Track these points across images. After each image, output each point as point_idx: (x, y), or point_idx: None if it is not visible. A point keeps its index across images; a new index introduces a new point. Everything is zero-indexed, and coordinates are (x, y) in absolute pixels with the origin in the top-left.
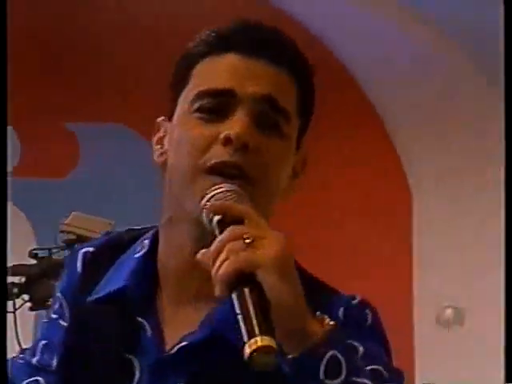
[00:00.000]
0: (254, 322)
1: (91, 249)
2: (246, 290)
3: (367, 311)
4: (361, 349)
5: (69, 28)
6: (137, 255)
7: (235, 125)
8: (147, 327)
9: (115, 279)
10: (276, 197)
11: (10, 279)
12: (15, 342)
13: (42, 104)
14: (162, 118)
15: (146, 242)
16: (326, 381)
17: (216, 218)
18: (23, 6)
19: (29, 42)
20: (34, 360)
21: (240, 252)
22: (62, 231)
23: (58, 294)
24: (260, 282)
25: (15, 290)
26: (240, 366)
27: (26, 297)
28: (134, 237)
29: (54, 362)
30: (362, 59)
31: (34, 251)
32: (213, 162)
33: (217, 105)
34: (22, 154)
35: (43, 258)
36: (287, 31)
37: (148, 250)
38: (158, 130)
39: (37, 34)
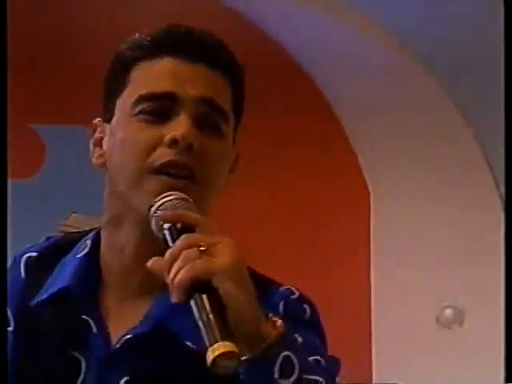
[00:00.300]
0: (215, 327)
1: (34, 253)
2: (204, 297)
3: (305, 306)
4: (300, 339)
5: (38, 27)
6: (79, 255)
7: (179, 127)
8: (92, 324)
9: (58, 280)
10: (218, 194)
11: None
12: None
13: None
14: (98, 119)
15: (88, 242)
16: (280, 380)
17: (166, 225)
18: None
19: None
20: None
21: (196, 260)
22: (62, 232)
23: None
24: (216, 288)
25: None
26: (184, 356)
27: None
28: (76, 238)
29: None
30: (320, 61)
31: None
32: (159, 162)
33: (158, 108)
34: None
35: None
36: (238, 30)
37: (90, 250)
38: (95, 131)
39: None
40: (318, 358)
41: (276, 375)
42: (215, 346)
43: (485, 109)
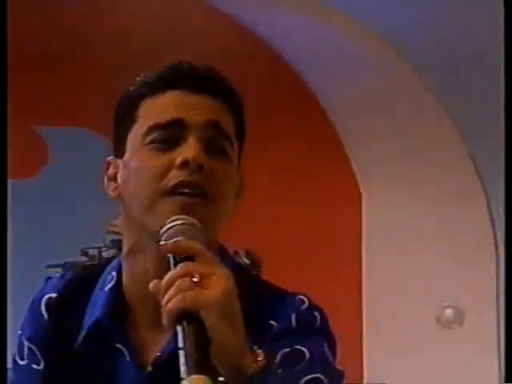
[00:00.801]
0: (193, 359)
1: (53, 295)
2: (188, 328)
3: (316, 313)
4: (307, 354)
5: (40, 30)
6: (106, 288)
7: (189, 150)
8: (125, 352)
9: (91, 316)
10: (227, 215)
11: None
12: None
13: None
14: (111, 157)
15: (114, 273)
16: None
17: (169, 254)
18: None
19: None
20: None
21: (187, 291)
22: (110, 231)
23: (26, 343)
24: (203, 320)
25: None
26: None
27: None
28: (94, 272)
29: None
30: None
31: (86, 249)
32: (172, 183)
33: (167, 135)
34: None
35: (94, 255)
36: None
37: (116, 282)
38: (108, 168)
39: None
40: (320, 376)
41: None
42: (189, 378)
43: (471, 108)
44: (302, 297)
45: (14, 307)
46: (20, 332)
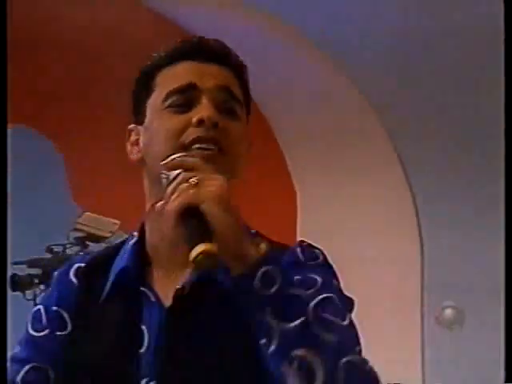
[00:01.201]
0: (198, 236)
1: (82, 264)
2: (193, 218)
3: (317, 251)
4: (319, 280)
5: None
6: (128, 245)
7: (204, 109)
8: (150, 294)
9: (116, 268)
10: (242, 163)
11: (28, 271)
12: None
13: None
14: (132, 125)
15: (135, 233)
16: (261, 291)
17: (174, 172)
18: None
19: None
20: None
21: (188, 190)
22: (75, 229)
23: (54, 308)
24: (203, 213)
25: (36, 280)
26: (227, 301)
27: (42, 287)
28: (118, 245)
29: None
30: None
31: (51, 246)
32: (190, 138)
33: (184, 99)
34: None
35: (58, 252)
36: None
37: (138, 239)
38: (130, 136)
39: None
40: (332, 295)
41: (256, 286)
42: (197, 247)
43: (396, 107)
44: (301, 239)
45: None
46: (39, 304)
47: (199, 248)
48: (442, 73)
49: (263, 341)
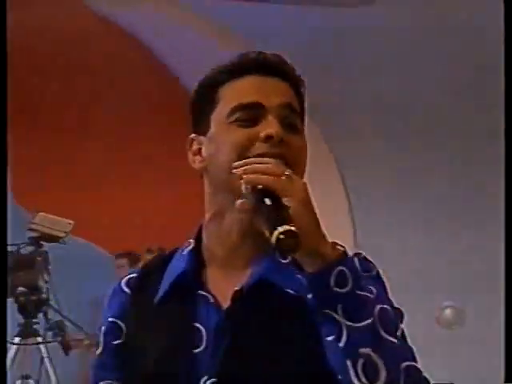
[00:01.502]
0: (283, 217)
1: (134, 275)
2: (276, 201)
3: (371, 264)
4: (374, 291)
5: None
6: (185, 252)
7: (271, 126)
8: (209, 297)
9: (174, 272)
10: (304, 172)
11: None
12: None
13: None
14: (194, 135)
15: (191, 240)
16: (335, 289)
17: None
18: None
19: None
20: None
21: (280, 176)
22: (29, 229)
23: (111, 319)
24: (287, 207)
25: None
26: (285, 302)
27: None
28: (169, 254)
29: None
30: None
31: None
32: (257, 153)
33: (249, 115)
34: None
35: (12, 252)
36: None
37: (194, 245)
38: (192, 145)
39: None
40: (387, 307)
41: (332, 284)
42: (280, 228)
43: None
44: (357, 251)
45: None
46: (103, 322)
47: (282, 228)
48: (379, 71)
49: (331, 337)
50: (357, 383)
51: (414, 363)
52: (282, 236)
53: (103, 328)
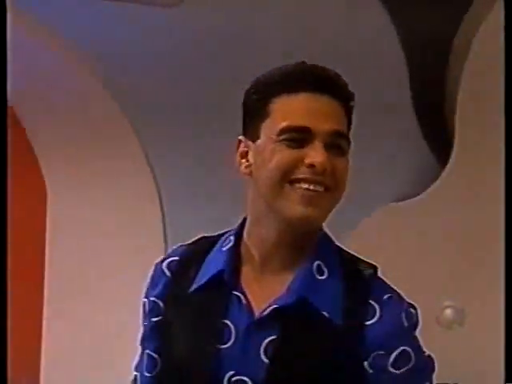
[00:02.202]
0: None
1: (176, 257)
2: None
3: (413, 311)
4: (413, 357)
5: None
6: (224, 248)
7: (317, 154)
8: (242, 298)
9: (212, 268)
10: (343, 193)
11: None
12: None
13: None
14: (242, 136)
15: (232, 237)
16: (391, 369)
17: None
18: None
19: None
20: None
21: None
22: None
23: (152, 299)
24: None
25: None
26: (320, 324)
27: None
28: (210, 240)
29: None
30: None
31: None
32: (300, 177)
33: (298, 136)
34: None
35: None
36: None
37: (234, 243)
38: (239, 146)
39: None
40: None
41: (389, 366)
42: None
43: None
44: (406, 300)
45: None
46: (144, 296)
47: None
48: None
49: None
50: None
51: None
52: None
53: (147, 305)
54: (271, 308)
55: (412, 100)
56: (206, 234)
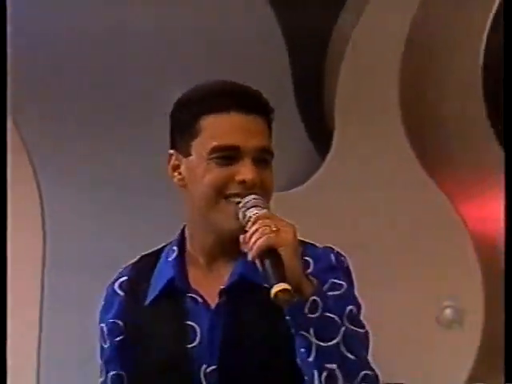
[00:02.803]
0: (278, 275)
1: (125, 277)
2: (273, 258)
3: (343, 258)
4: (345, 285)
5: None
6: (170, 258)
7: (246, 170)
8: (197, 298)
9: (162, 278)
10: (269, 201)
11: None
12: None
13: None
14: (173, 151)
15: (175, 247)
16: (308, 315)
17: (253, 217)
18: None
19: None
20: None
21: (270, 234)
22: None
23: (111, 320)
24: (280, 254)
25: None
26: (264, 297)
27: None
28: (153, 255)
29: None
30: None
31: None
32: (232, 192)
33: (228, 155)
34: None
35: None
36: None
37: (178, 253)
38: (170, 159)
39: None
40: (354, 308)
41: (306, 311)
42: (276, 285)
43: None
44: (330, 246)
45: None
46: (100, 321)
47: (279, 287)
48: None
49: (303, 350)
50: None
51: (370, 372)
52: (279, 293)
53: (105, 328)
54: (219, 290)
55: (293, 89)
56: (144, 253)
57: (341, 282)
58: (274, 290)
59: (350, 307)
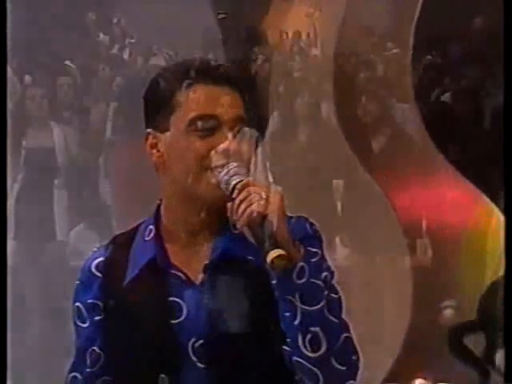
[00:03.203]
0: (272, 242)
1: (101, 258)
2: (264, 225)
3: (315, 227)
4: (319, 253)
5: None
6: (148, 238)
7: (226, 139)
8: (180, 275)
9: (141, 258)
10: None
11: None
12: None
13: None
14: (150, 129)
15: (151, 226)
16: (296, 281)
17: (239, 184)
18: None
19: None
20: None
21: (260, 201)
22: None
23: (90, 301)
24: (270, 220)
25: None
26: (248, 269)
27: None
28: (128, 236)
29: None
30: None
31: None
32: (218, 163)
33: (206, 125)
34: None
35: None
36: None
37: (155, 232)
38: (148, 138)
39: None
40: (328, 274)
41: (293, 277)
42: (272, 251)
43: None
44: (303, 216)
45: None
46: (76, 300)
47: (275, 253)
48: None
49: (288, 314)
50: (303, 351)
51: (349, 334)
52: (276, 259)
53: (83, 308)
54: (204, 265)
55: None
56: (117, 233)
57: (316, 250)
58: (270, 257)
59: (325, 273)
